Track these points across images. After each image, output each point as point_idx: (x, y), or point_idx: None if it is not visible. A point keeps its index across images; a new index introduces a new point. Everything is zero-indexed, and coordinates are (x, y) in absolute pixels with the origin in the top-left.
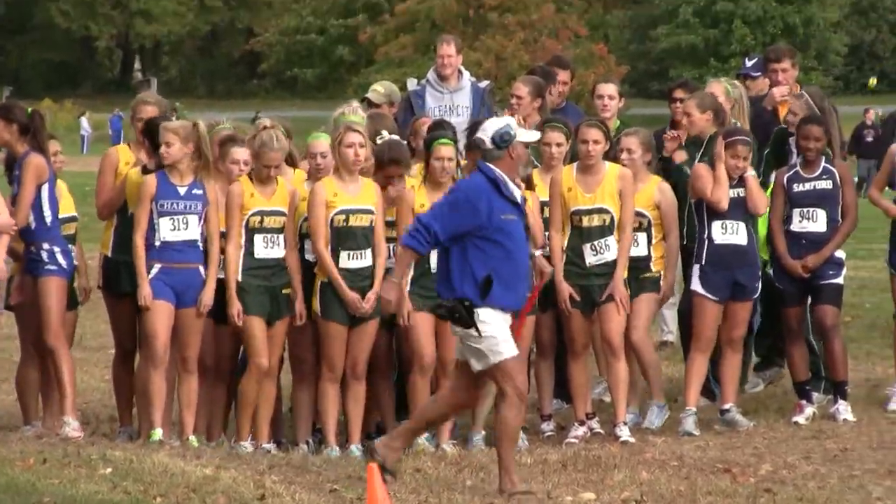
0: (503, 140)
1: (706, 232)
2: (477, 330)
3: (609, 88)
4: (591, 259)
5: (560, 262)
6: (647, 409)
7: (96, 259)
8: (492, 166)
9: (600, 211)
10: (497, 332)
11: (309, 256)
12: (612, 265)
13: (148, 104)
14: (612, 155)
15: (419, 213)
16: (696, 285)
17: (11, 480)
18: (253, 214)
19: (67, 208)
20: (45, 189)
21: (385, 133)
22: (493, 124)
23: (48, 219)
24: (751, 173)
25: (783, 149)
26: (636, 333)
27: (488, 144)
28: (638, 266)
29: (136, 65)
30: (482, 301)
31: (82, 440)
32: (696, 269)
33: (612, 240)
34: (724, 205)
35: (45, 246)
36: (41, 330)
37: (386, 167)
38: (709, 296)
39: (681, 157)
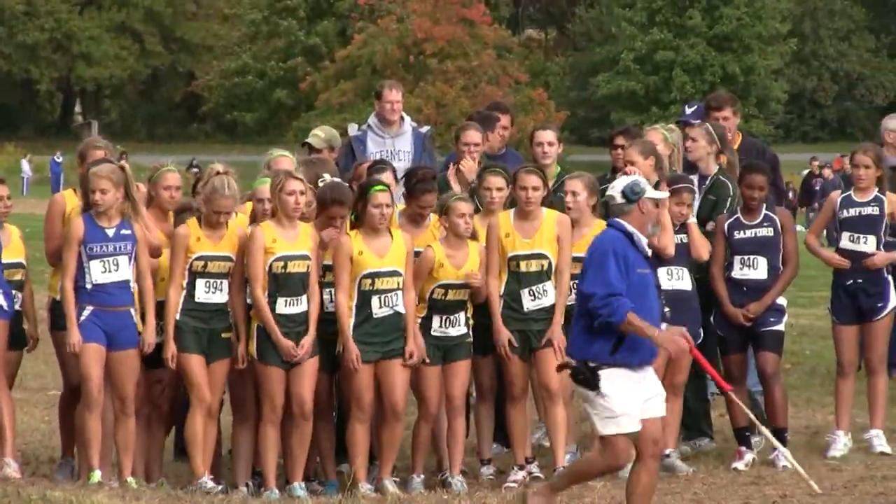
0: (633, 193)
1: None
2: (600, 393)
3: (547, 135)
4: (528, 304)
5: (498, 307)
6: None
7: (41, 301)
8: (623, 221)
9: (538, 256)
10: (617, 405)
11: (248, 300)
12: (551, 310)
13: (98, 148)
14: (549, 200)
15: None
16: None
17: None
18: (197, 259)
19: (16, 254)
20: None
21: (327, 176)
22: (623, 181)
23: None
24: (692, 220)
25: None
26: None
27: (619, 199)
28: None
29: (77, 108)
30: (611, 358)
31: (21, 480)
32: None
33: (549, 285)
34: (671, 251)
35: None
36: None
37: (329, 208)
38: None
39: None
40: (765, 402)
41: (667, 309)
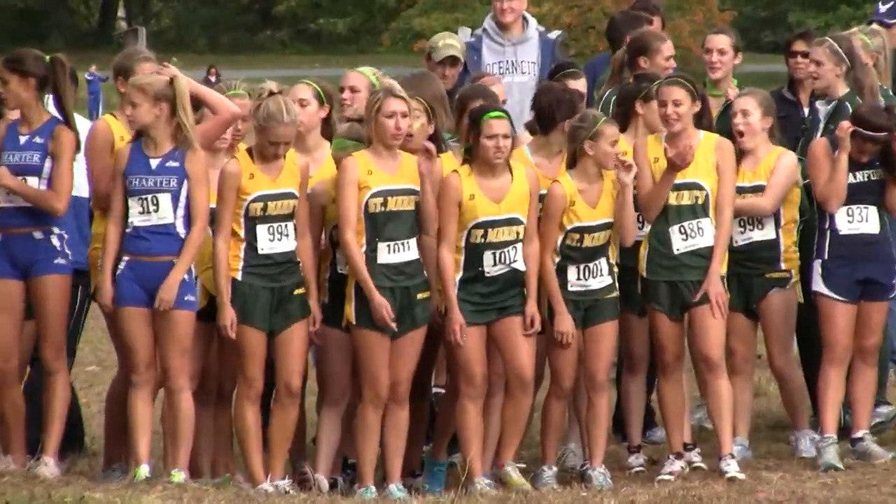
0: None
1: (828, 221)
2: None
3: (720, 41)
4: (679, 245)
5: (643, 251)
6: (800, 438)
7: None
8: None
9: (691, 186)
10: None
11: (342, 269)
12: (708, 254)
13: (147, 61)
14: (709, 121)
15: None
16: (818, 285)
17: None
18: (254, 200)
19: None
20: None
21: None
22: None
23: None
24: None
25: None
26: (779, 359)
27: None
28: (762, 258)
29: (120, 12)
30: None
31: (55, 480)
32: (817, 265)
33: (707, 222)
34: (833, 208)
35: (56, 230)
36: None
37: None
38: (836, 297)
39: None
40: None
41: None
